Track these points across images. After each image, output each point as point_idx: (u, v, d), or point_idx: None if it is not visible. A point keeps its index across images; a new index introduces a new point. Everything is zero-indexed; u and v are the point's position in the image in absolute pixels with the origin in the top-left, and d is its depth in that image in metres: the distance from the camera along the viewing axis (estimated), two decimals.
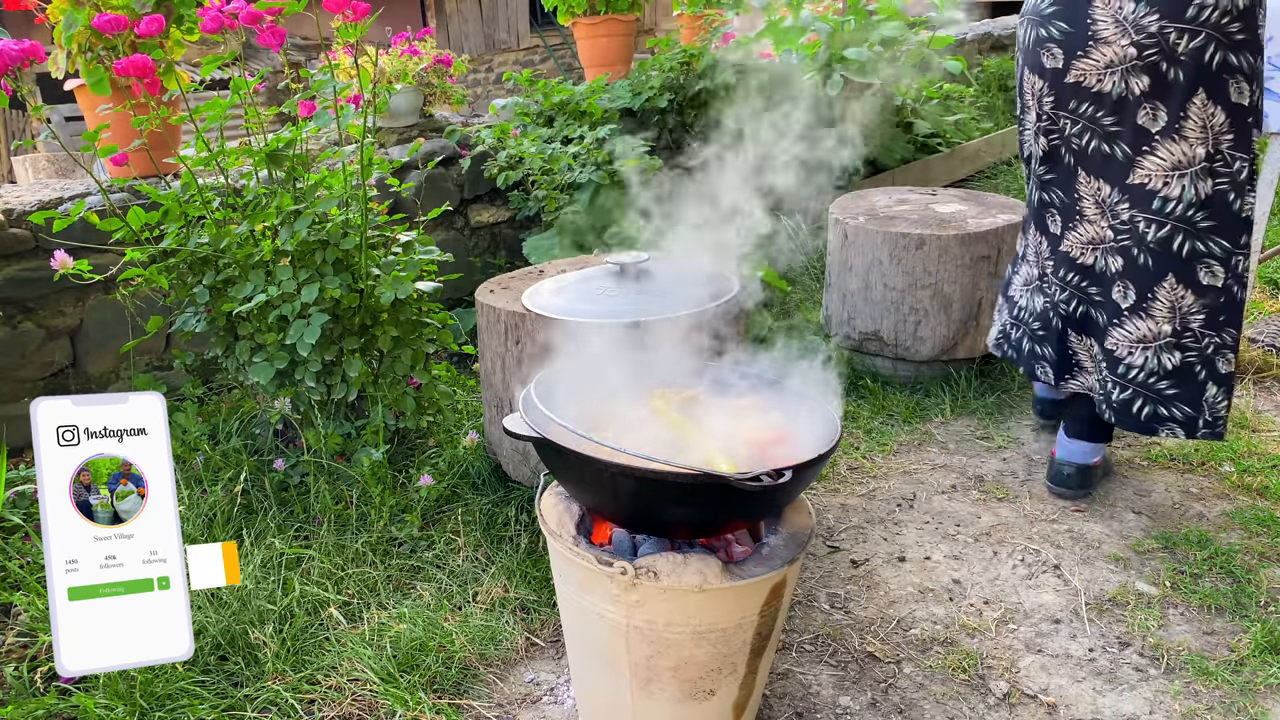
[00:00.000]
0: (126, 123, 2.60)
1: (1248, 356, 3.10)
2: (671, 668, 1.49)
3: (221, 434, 2.47)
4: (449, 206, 3.46)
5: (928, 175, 4.82)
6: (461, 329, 3.21)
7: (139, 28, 2.22)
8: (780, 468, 1.31)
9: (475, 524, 2.26)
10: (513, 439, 1.67)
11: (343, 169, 2.33)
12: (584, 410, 1.56)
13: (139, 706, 1.68)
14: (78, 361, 2.78)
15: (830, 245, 3.18)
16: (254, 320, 2.30)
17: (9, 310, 2.61)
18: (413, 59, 3.65)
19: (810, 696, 1.80)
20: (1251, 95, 1.94)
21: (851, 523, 2.37)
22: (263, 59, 8.00)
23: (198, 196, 2.33)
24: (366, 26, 2.16)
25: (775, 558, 1.48)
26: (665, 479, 1.33)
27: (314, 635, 1.91)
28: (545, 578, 2.08)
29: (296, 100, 2.35)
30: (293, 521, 2.25)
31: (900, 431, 2.80)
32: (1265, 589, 2.04)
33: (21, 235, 2.59)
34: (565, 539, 1.51)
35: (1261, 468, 2.50)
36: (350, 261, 2.31)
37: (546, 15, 10.24)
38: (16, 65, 2.00)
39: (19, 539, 2.15)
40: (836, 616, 2.02)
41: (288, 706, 1.73)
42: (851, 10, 4.53)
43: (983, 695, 1.80)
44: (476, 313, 2.35)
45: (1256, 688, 1.79)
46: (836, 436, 1.46)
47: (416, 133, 3.78)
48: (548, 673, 1.87)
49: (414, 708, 1.72)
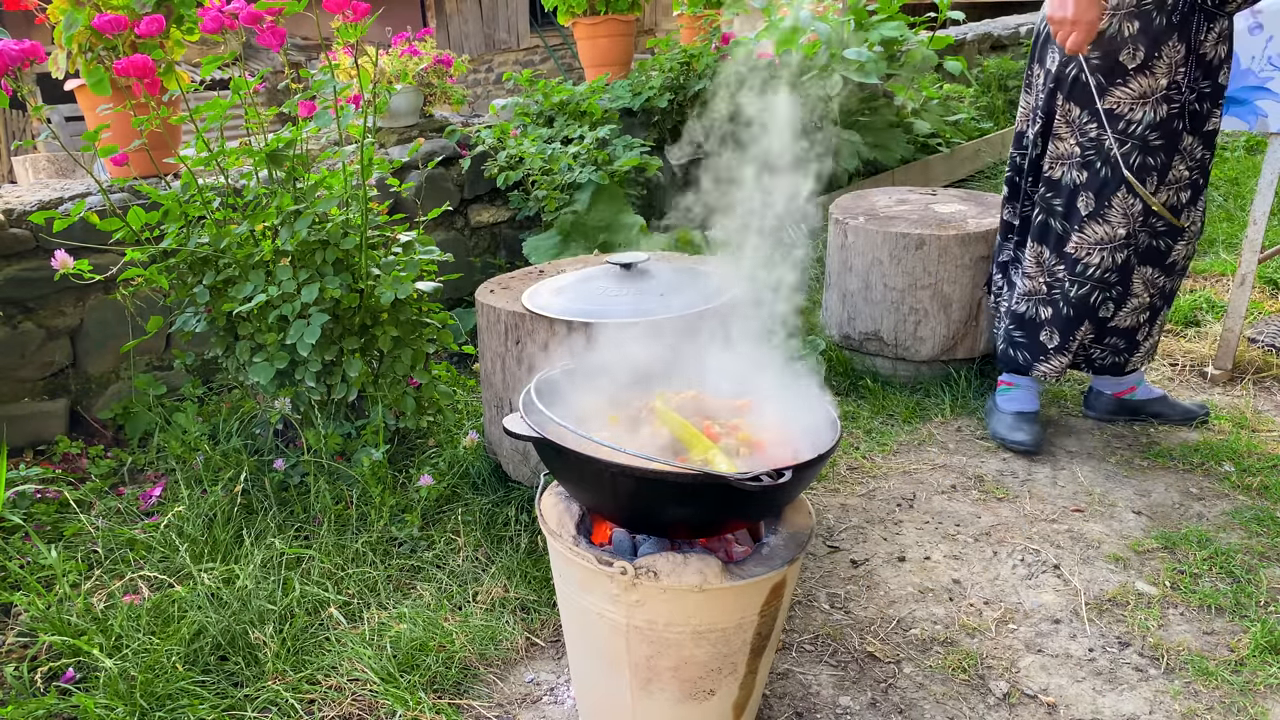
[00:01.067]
0: (126, 123, 2.60)
1: (1248, 356, 3.11)
2: (671, 668, 1.49)
3: (221, 434, 2.47)
4: (449, 206, 3.46)
5: (928, 175, 4.82)
6: (461, 329, 3.21)
7: (139, 28, 2.22)
8: (780, 468, 1.31)
9: (475, 524, 2.26)
10: (513, 439, 1.67)
11: (343, 169, 2.33)
12: (584, 410, 1.57)
13: (139, 706, 1.68)
14: (78, 361, 2.78)
15: (830, 245, 3.18)
16: (254, 320, 2.30)
17: (9, 310, 2.61)
18: (413, 59, 3.65)
19: (810, 696, 1.80)
20: (1216, 44, 2.31)
21: (851, 523, 2.37)
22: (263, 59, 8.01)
23: (198, 196, 2.33)
24: (366, 26, 2.16)
25: (775, 558, 1.48)
26: (665, 479, 1.33)
27: (314, 635, 1.91)
28: (545, 578, 2.08)
29: (296, 100, 2.35)
30: (293, 521, 2.25)
31: (900, 431, 2.80)
32: (1265, 589, 2.04)
33: (22, 235, 2.59)
34: (565, 539, 1.51)
35: (1261, 468, 2.50)
36: (350, 261, 2.31)
37: (546, 15, 10.25)
38: (16, 65, 2.00)
39: (19, 539, 2.15)
40: (836, 616, 2.03)
41: (288, 706, 1.73)
42: (851, 10, 4.53)
43: (983, 695, 1.80)
44: (476, 313, 2.35)
45: (1256, 688, 1.79)
46: (836, 436, 1.46)
47: (416, 133, 3.78)
48: (548, 673, 1.87)
49: (414, 708, 1.72)
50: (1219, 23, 2.30)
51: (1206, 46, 2.31)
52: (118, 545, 2.15)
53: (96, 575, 2.04)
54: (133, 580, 1.99)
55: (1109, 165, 2.39)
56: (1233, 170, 5.32)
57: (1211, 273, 3.88)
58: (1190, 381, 3.05)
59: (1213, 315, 3.42)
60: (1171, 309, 2.69)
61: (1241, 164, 5.43)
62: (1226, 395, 2.95)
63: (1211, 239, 4.28)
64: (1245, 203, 4.62)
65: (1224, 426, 2.74)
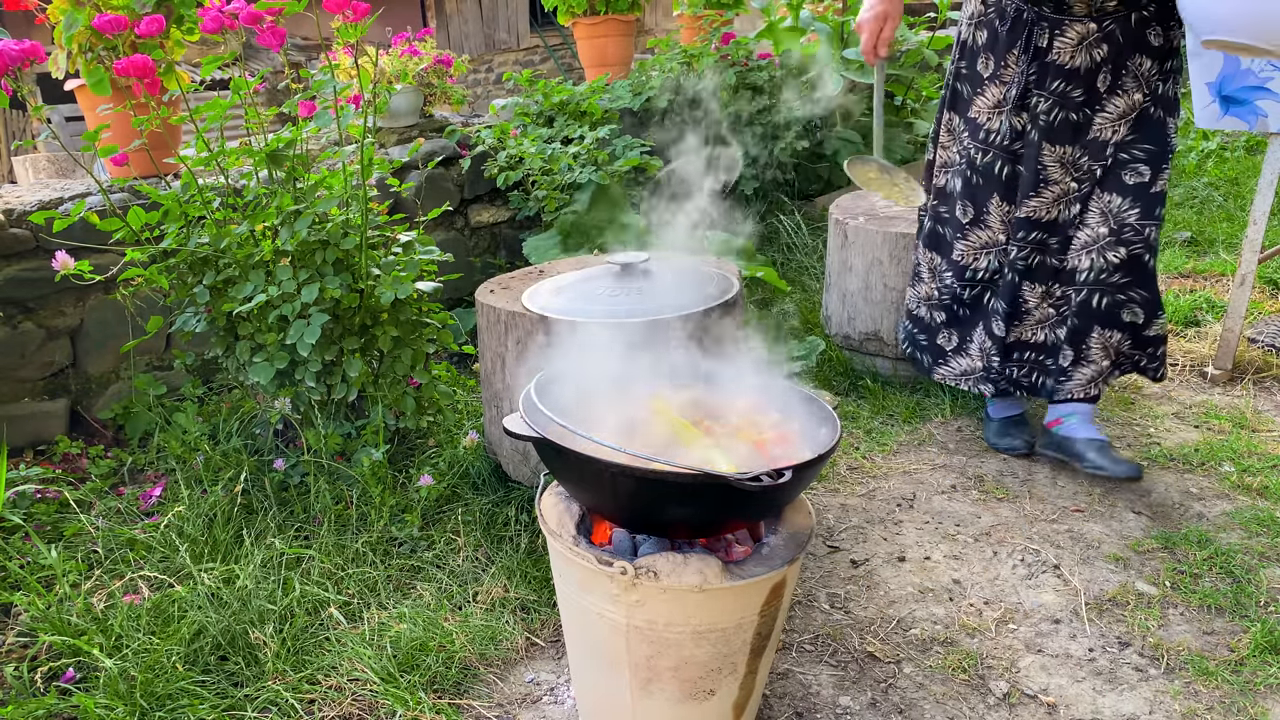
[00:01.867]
0: (126, 123, 2.60)
1: (1248, 356, 3.11)
2: (671, 668, 1.49)
3: (221, 434, 2.47)
4: (449, 206, 3.46)
5: None
6: (461, 329, 3.21)
7: (139, 28, 2.22)
8: (780, 468, 1.31)
9: (475, 524, 2.26)
10: (513, 439, 1.67)
11: (343, 169, 2.33)
12: (584, 410, 1.56)
13: (139, 706, 1.68)
14: (78, 361, 2.78)
15: (830, 245, 3.18)
16: (254, 320, 2.30)
17: (9, 310, 2.61)
18: (413, 59, 3.65)
19: (810, 696, 1.80)
20: (1076, 50, 2.21)
21: (851, 523, 2.37)
22: (263, 59, 8.01)
23: (198, 196, 2.33)
24: (366, 27, 2.16)
25: (775, 558, 1.48)
26: (665, 479, 1.33)
27: (314, 635, 1.91)
28: (545, 578, 2.08)
29: (296, 100, 2.35)
30: (293, 521, 2.25)
31: (900, 431, 2.80)
32: (1265, 589, 2.04)
33: (22, 235, 2.59)
34: (565, 539, 1.51)
35: (1261, 468, 2.50)
36: (350, 261, 2.31)
37: (546, 15, 10.24)
38: (17, 65, 2.00)
39: (19, 539, 2.15)
40: (836, 616, 2.02)
41: (288, 706, 1.73)
42: (851, 10, 4.54)
43: (983, 695, 1.80)
44: (476, 313, 2.35)
45: (1256, 688, 1.79)
46: (836, 436, 1.46)
47: (416, 133, 3.78)
48: (548, 673, 1.87)
49: (414, 708, 1.72)
50: (1072, 28, 2.18)
51: (1060, 54, 2.21)
52: (118, 545, 2.15)
53: (96, 575, 2.04)
54: (133, 580, 1.99)
55: (978, 173, 2.39)
56: (1233, 170, 5.33)
57: (1211, 273, 3.88)
58: (1190, 381, 3.05)
59: (1213, 315, 3.42)
60: (1123, 334, 2.33)
61: (1241, 164, 5.43)
62: (1226, 395, 2.95)
63: (1211, 239, 4.29)
64: (1245, 203, 4.62)
65: (1224, 426, 2.74)
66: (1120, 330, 2.33)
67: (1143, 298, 2.30)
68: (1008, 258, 2.41)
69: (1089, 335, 2.34)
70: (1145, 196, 2.25)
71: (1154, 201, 2.25)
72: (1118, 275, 2.27)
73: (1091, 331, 2.34)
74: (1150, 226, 2.25)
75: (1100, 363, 2.36)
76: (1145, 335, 2.35)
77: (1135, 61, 2.21)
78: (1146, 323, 2.33)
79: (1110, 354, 2.36)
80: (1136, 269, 2.27)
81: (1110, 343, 2.34)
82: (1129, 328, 2.33)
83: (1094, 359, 2.36)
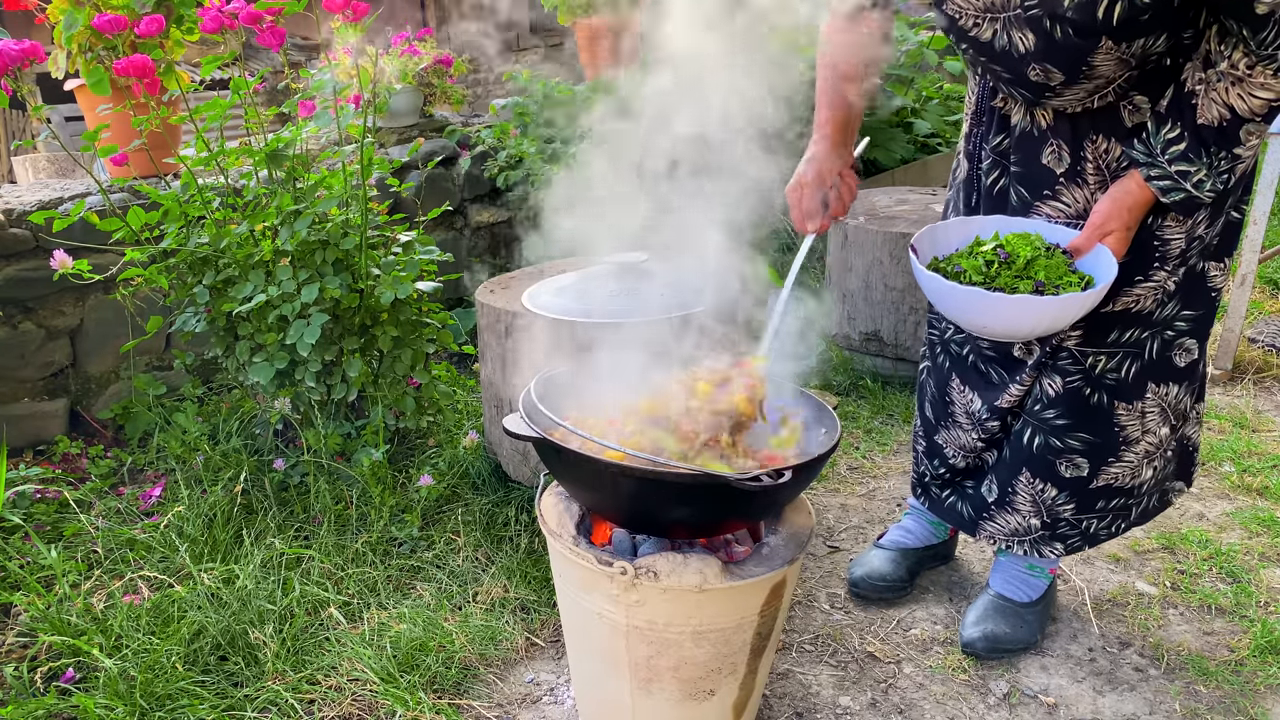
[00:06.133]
0: (126, 123, 2.60)
1: (1248, 356, 3.10)
2: (671, 668, 1.49)
3: (221, 434, 2.47)
4: (449, 206, 3.45)
5: (928, 175, 4.81)
6: (461, 329, 3.21)
7: (139, 28, 2.22)
8: (780, 468, 1.31)
9: (475, 524, 2.26)
10: (513, 439, 1.66)
11: (343, 169, 2.33)
12: (584, 410, 1.56)
13: (139, 706, 1.68)
14: (78, 361, 2.77)
15: (830, 245, 3.18)
16: (254, 320, 2.30)
17: (9, 310, 2.61)
18: (413, 59, 3.65)
19: (810, 696, 1.80)
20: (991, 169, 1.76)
21: (851, 523, 2.37)
22: (263, 59, 8.01)
23: (198, 196, 2.33)
24: (367, 26, 2.16)
25: (775, 558, 1.48)
26: (665, 479, 1.33)
27: (314, 635, 1.91)
28: (545, 578, 2.08)
29: (296, 100, 2.35)
30: (293, 521, 2.25)
31: (900, 431, 2.80)
32: (1265, 589, 2.04)
33: (21, 235, 2.59)
34: (565, 539, 1.51)
35: (1261, 468, 2.50)
36: (350, 261, 2.31)
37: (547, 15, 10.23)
38: (16, 65, 2.00)
39: (19, 539, 2.15)
40: (836, 616, 2.02)
41: (288, 706, 1.73)
42: None
43: (983, 695, 1.80)
44: (476, 313, 2.35)
45: (1256, 688, 1.79)
46: (836, 436, 1.46)
47: (416, 133, 3.78)
48: (548, 673, 1.87)
49: (414, 708, 1.72)
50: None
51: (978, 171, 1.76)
52: (118, 545, 2.15)
53: (96, 575, 2.04)
54: (133, 580, 1.99)
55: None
56: None
57: None
58: None
59: None
60: (1073, 504, 1.78)
61: None
62: (1226, 395, 2.95)
63: None
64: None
65: (1224, 426, 2.74)
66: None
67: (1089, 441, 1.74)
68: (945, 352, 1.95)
69: (1022, 484, 1.83)
70: None
71: None
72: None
73: (1020, 477, 1.83)
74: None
75: (1032, 518, 1.84)
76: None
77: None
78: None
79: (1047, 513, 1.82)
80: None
81: (1040, 496, 1.81)
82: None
83: (1025, 511, 1.83)
